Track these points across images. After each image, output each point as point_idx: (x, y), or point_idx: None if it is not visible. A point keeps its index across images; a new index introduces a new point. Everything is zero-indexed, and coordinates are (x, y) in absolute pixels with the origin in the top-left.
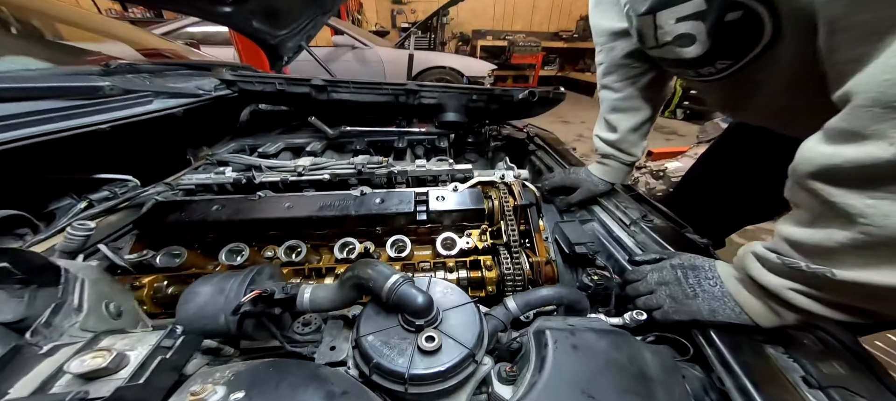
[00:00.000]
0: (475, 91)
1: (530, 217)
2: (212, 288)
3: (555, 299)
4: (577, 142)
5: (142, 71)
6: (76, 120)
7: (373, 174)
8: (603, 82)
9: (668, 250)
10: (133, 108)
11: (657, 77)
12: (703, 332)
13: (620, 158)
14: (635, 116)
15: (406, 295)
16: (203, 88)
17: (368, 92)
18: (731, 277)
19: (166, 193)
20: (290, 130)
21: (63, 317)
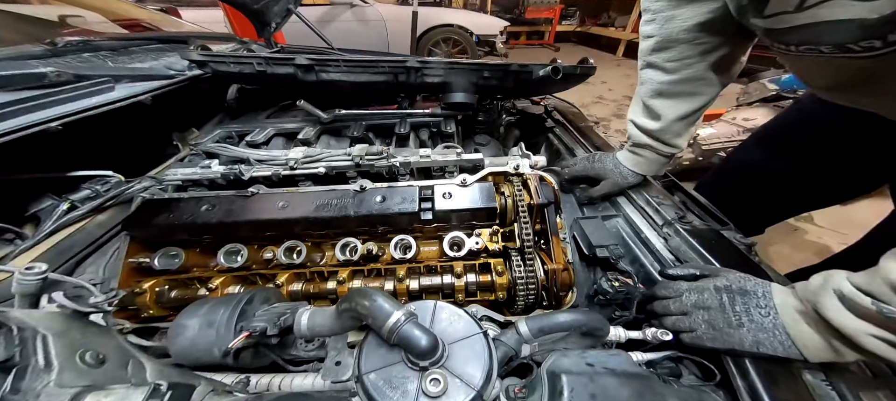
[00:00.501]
0: (487, 67)
1: (547, 217)
2: (200, 321)
3: (574, 326)
4: (596, 104)
5: (100, 48)
6: (17, 119)
7: (372, 166)
8: (649, 60)
9: (709, 266)
10: (90, 98)
11: (728, 55)
12: (737, 360)
13: (659, 150)
14: (688, 102)
15: (409, 336)
16: (175, 68)
17: (363, 70)
18: (790, 307)
19: (153, 189)
20: (282, 112)
21: (32, 379)
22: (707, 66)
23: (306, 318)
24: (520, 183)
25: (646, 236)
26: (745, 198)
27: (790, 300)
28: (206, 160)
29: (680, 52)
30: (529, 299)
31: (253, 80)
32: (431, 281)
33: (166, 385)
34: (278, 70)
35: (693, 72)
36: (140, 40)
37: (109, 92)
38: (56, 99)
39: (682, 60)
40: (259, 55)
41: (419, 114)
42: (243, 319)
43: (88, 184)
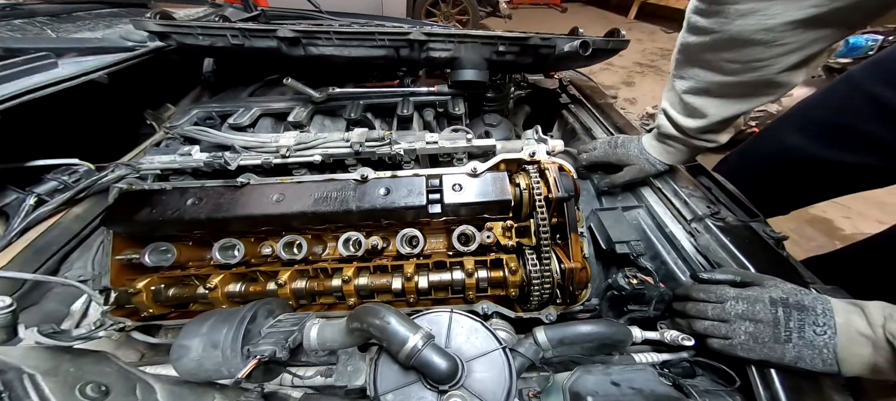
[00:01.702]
0: (503, 40)
1: (567, 212)
2: (202, 342)
3: (596, 338)
4: (604, 71)
5: (35, 13)
6: None
7: (373, 154)
8: (701, 57)
9: (748, 273)
10: (27, 76)
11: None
12: (762, 370)
13: (691, 144)
14: (741, 104)
15: (429, 362)
16: (133, 38)
17: (359, 44)
18: (853, 329)
19: (130, 177)
20: (268, 87)
21: None
22: (780, 69)
23: (315, 332)
24: (536, 172)
25: (670, 231)
26: (776, 183)
27: (856, 321)
28: (186, 146)
29: (749, 54)
30: (544, 297)
31: (227, 54)
32: (441, 278)
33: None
34: (258, 44)
35: (759, 76)
36: (86, 3)
37: (52, 69)
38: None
39: (748, 63)
40: (234, 26)
41: (423, 92)
42: (248, 339)
43: (53, 174)
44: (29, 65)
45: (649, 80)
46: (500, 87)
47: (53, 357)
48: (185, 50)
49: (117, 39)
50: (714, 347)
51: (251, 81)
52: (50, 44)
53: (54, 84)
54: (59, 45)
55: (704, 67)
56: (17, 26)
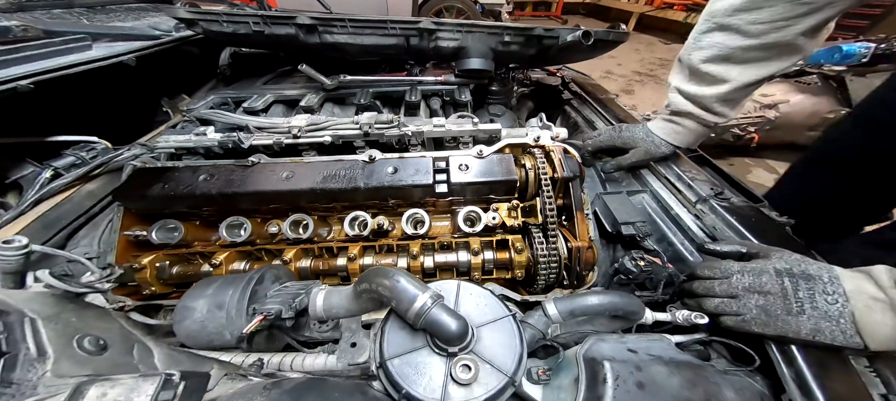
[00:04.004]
0: (508, 30)
1: (572, 191)
2: (208, 303)
3: (608, 309)
4: (605, 79)
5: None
6: None
7: (382, 136)
8: (727, 22)
9: (756, 243)
10: (64, 56)
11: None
12: (783, 347)
13: (702, 119)
14: (761, 68)
15: (438, 321)
16: (160, 28)
17: (372, 32)
18: (864, 294)
19: (145, 157)
20: (281, 78)
21: (24, 370)
22: (799, 31)
23: (321, 298)
24: (542, 154)
25: (676, 213)
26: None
27: (866, 286)
28: (201, 127)
29: (774, 13)
30: (550, 278)
31: (249, 41)
32: (446, 258)
33: (179, 375)
34: (278, 30)
35: (781, 36)
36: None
37: (86, 50)
38: (24, 55)
39: (772, 22)
40: (256, 13)
41: (430, 81)
42: (255, 300)
43: (72, 150)
44: (66, 45)
45: (649, 89)
46: (505, 80)
47: (57, 304)
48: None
49: (146, 28)
50: (728, 324)
51: (264, 73)
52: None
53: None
54: (93, 31)
55: (729, 30)
56: (57, 14)
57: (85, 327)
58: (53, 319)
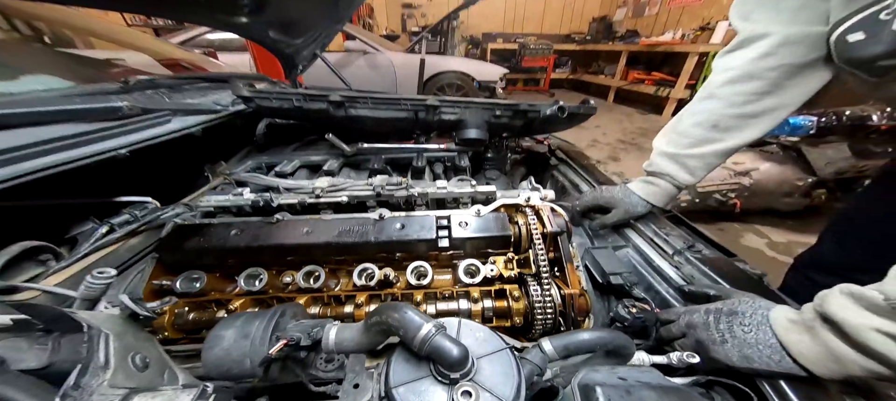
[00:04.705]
0: (499, 106)
1: (561, 245)
2: (236, 332)
3: (598, 345)
4: (591, 148)
5: (160, 86)
6: (94, 146)
7: (392, 196)
8: (718, 92)
9: (722, 286)
10: (152, 128)
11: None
12: (773, 383)
13: (677, 179)
14: (737, 136)
15: (440, 347)
16: (220, 103)
17: (387, 107)
18: (783, 319)
19: (185, 215)
20: (307, 146)
21: (91, 376)
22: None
23: (334, 332)
24: (532, 212)
25: (657, 265)
26: None
27: (786, 312)
28: (238, 188)
29: (758, 86)
30: (547, 324)
31: (288, 114)
32: (448, 306)
33: (212, 387)
34: (313, 105)
35: (756, 107)
36: (191, 79)
37: (167, 123)
38: (126, 128)
39: (754, 94)
40: (298, 92)
41: (434, 149)
42: (277, 331)
43: (128, 209)
44: (154, 119)
45: (633, 157)
46: (499, 148)
47: (122, 325)
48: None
49: (209, 104)
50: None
51: (292, 142)
52: (168, 106)
53: (169, 134)
54: (173, 107)
55: (716, 99)
56: (149, 95)
57: (137, 347)
58: (119, 336)
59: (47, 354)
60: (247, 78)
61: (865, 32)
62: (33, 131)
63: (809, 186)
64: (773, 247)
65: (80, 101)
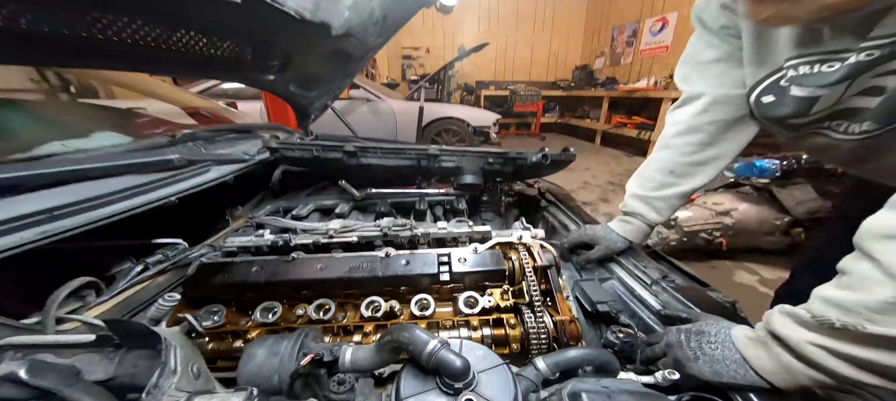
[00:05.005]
0: (491, 154)
1: (551, 277)
2: (266, 350)
3: (585, 361)
4: (582, 189)
5: (198, 138)
6: (151, 194)
7: (397, 236)
8: (671, 142)
9: (694, 310)
10: (196, 177)
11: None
12: (743, 395)
13: (647, 218)
14: (692, 181)
15: (445, 360)
16: (248, 153)
17: (393, 156)
18: (742, 337)
19: (210, 255)
20: (319, 191)
21: (165, 379)
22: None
23: (350, 353)
24: (524, 249)
25: (639, 294)
26: None
27: (743, 331)
28: (259, 230)
29: (701, 138)
30: (542, 348)
31: (308, 162)
32: (449, 335)
33: (256, 392)
34: (330, 155)
35: (702, 156)
36: (222, 131)
37: (207, 172)
38: (175, 178)
39: (699, 145)
40: (317, 143)
41: (434, 193)
42: (302, 350)
43: (161, 250)
44: (198, 170)
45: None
46: (493, 192)
47: (183, 340)
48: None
49: (239, 153)
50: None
51: (305, 188)
52: (207, 157)
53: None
54: (212, 158)
55: (670, 149)
56: (190, 147)
57: (193, 358)
58: (182, 347)
59: (113, 367)
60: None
61: (774, 96)
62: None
63: (787, 225)
64: (765, 283)
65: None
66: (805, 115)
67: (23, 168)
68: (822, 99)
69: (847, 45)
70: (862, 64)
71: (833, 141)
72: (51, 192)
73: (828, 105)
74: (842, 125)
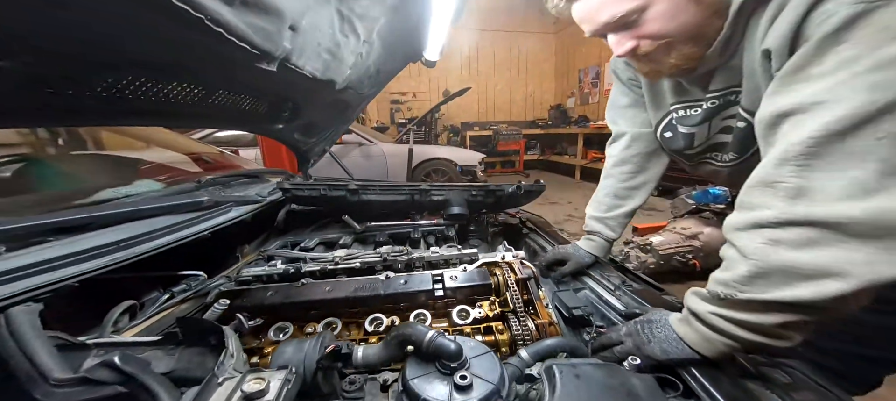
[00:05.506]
0: (474, 187)
1: (531, 288)
2: (293, 347)
3: (559, 347)
4: (567, 221)
5: (217, 183)
6: (186, 231)
7: (396, 261)
8: (610, 172)
9: (645, 306)
10: (221, 216)
11: (656, 172)
12: (686, 370)
13: (605, 235)
14: (631, 202)
15: (441, 345)
16: (261, 194)
17: (391, 192)
18: (675, 319)
19: (227, 285)
20: (322, 227)
21: (227, 361)
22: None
23: (362, 349)
24: (507, 266)
25: (606, 299)
26: None
27: (676, 315)
28: (271, 261)
29: (630, 167)
30: None
31: (316, 201)
32: None
33: (294, 371)
34: (335, 193)
35: (635, 181)
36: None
37: (229, 212)
38: (204, 217)
39: (630, 173)
40: (324, 182)
41: (426, 224)
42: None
43: (185, 281)
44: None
45: None
46: (479, 222)
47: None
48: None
49: (254, 195)
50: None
51: (308, 225)
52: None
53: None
54: (233, 199)
55: (612, 177)
56: (211, 189)
57: (240, 348)
58: (234, 338)
59: (173, 362)
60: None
61: (671, 132)
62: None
63: None
64: None
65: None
66: (691, 147)
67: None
68: (697, 135)
69: (699, 95)
70: (711, 109)
71: (716, 168)
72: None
73: (702, 140)
74: (718, 155)
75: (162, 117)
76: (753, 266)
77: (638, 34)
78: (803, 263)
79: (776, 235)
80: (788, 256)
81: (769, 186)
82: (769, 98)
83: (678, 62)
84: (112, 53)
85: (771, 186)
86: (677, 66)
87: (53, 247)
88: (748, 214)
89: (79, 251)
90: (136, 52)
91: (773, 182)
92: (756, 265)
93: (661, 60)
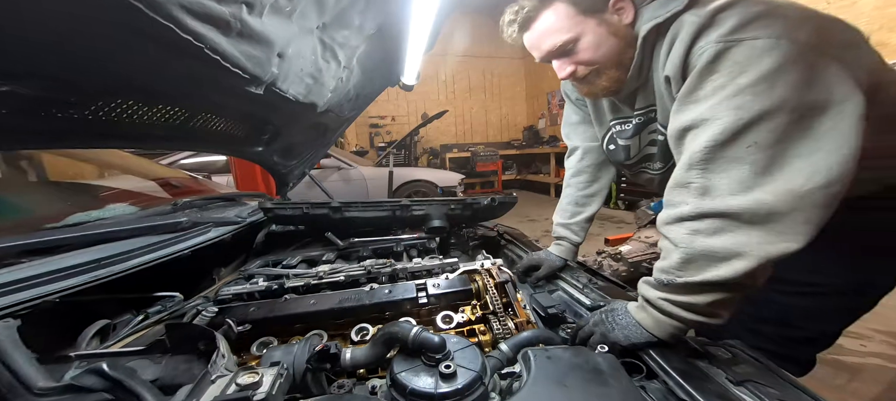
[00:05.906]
0: (452, 202)
1: (509, 291)
2: (282, 351)
3: (536, 338)
4: (545, 237)
5: (194, 206)
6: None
7: (379, 273)
8: (569, 182)
9: (608, 300)
10: (200, 236)
11: (607, 181)
12: (645, 351)
13: (571, 240)
14: (590, 208)
15: (425, 338)
16: (240, 216)
17: (373, 209)
18: (633, 306)
19: (204, 304)
20: (304, 246)
21: (220, 361)
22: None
23: (349, 351)
24: (485, 272)
25: (577, 297)
26: None
27: (633, 304)
28: (253, 280)
29: (586, 177)
30: None
31: (298, 220)
32: None
33: (285, 367)
34: (318, 212)
35: (591, 189)
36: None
37: (208, 232)
38: (183, 237)
39: (586, 182)
40: (306, 202)
41: (408, 238)
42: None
43: (161, 301)
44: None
45: None
46: (459, 236)
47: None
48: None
49: (233, 217)
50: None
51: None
52: (209, 219)
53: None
54: (212, 220)
55: (571, 187)
56: (189, 211)
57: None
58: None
59: (160, 370)
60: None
61: (613, 145)
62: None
63: None
64: None
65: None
66: (629, 158)
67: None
68: (631, 147)
69: (628, 112)
70: (639, 124)
71: (650, 176)
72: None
73: (636, 152)
74: (650, 165)
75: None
76: (683, 253)
77: (575, 61)
78: (718, 248)
79: (694, 226)
80: (706, 243)
81: (684, 187)
82: (674, 115)
83: (608, 84)
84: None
85: (685, 186)
86: (607, 88)
87: (31, 266)
88: (672, 210)
89: (56, 270)
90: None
91: (686, 183)
92: (685, 252)
93: (594, 82)
